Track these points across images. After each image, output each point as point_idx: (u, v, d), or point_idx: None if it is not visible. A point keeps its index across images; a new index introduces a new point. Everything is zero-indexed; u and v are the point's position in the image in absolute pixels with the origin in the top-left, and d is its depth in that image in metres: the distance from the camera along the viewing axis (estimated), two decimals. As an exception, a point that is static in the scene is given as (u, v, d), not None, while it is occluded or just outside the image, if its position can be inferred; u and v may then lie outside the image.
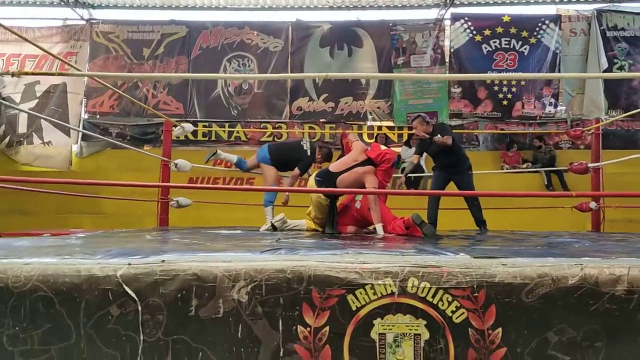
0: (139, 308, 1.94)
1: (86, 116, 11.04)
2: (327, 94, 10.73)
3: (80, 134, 10.63)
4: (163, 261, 2.03)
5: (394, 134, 10.60)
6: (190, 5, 11.13)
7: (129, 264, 2.01)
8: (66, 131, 10.59)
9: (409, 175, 9.05)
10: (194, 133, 9.22)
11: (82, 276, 1.95)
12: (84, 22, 11.10)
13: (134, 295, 1.94)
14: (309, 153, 5.56)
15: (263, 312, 1.96)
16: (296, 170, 5.51)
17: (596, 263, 2.03)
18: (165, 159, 6.32)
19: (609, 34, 10.32)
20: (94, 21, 11.16)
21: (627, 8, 10.41)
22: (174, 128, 6.56)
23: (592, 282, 1.93)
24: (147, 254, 2.19)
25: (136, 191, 7.56)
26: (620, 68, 10.26)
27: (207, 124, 10.71)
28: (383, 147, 5.06)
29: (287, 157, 5.57)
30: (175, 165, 6.27)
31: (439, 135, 5.26)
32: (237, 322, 1.95)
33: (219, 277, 1.97)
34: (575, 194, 2.81)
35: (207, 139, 10.87)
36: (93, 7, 11.11)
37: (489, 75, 10.88)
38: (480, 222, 5.50)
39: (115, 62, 10.94)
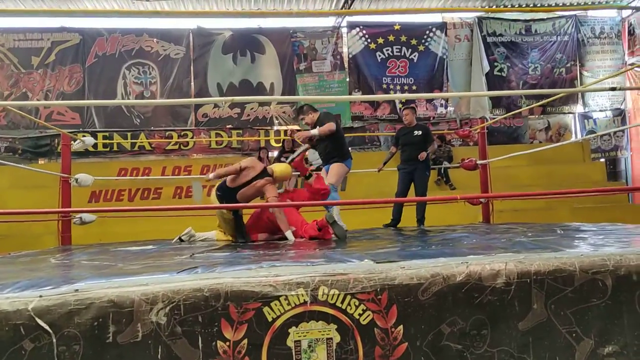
0: (54, 340, 1.93)
1: (-32, 130, 10.21)
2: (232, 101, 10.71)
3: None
4: (77, 290, 2.02)
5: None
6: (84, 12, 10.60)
7: (41, 296, 1.97)
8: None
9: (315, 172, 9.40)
10: (94, 144, 8.82)
11: (-9, 313, 1.90)
12: (-37, 31, 10.25)
13: (47, 327, 1.92)
14: None
15: (182, 332, 2.02)
16: None
17: (479, 260, 2.31)
18: (65, 174, 6.03)
19: (489, 39, 11.28)
20: (-25, 30, 10.32)
21: (504, 15, 11.41)
22: (72, 142, 6.27)
23: (476, 277, 2.21)
24: (58, 283, 2.14)
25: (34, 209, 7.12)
26: (500, 71, 11.26)
27: (107, 134, 10.30)
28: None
29: None
30: (76, 180, 6.02)
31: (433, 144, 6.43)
32: (157, 344, 2.00)
33: (136, 301, 2.01)
34: (460, 197, 3.11)
35: (108, 149, 10.45)
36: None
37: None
38: (419, 220, 6.24)
39: (1, 72, 10.19)
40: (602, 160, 11.49)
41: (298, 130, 6.00)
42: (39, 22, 10.64)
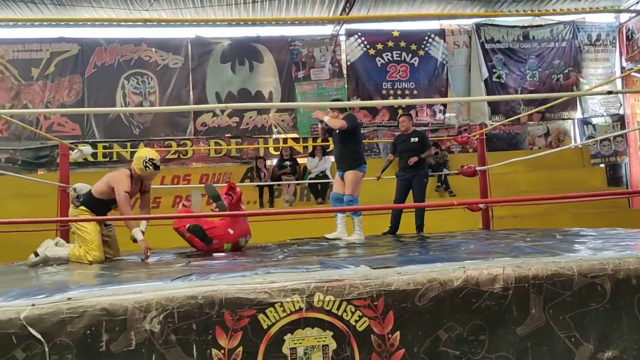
0: (46, 349, 1.92)
1: (-30, 143, 10.24)
2: (231, 109, 10.73)
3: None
4: (69, 299, 2.01)
5: (299, 145, 10.82)
6: (82, 22, 10.64)
7: (33, 305, 1.96)
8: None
9: (316, 183, 9.42)
10: (94, 155, 8.82)
11: (-17, 322, 1.89)
12: (-38, 44, 10.28)
13: (39, 336, 1.91)
14: None
15: (176, 340, 2.01)
16: None
17: (477, 265, 2.29)
18: (63, 184, 6.02)
19: (487, 46, 11.29)
20: (-27, 42, 10.37)
21: (501, 22, 11.43)
22: (70, 151, 6.27)
23: (473, 282, 2.19)
24: (51, 292, 2.13)
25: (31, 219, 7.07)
26: (499, 77, 11.26)
27: (107, 144, 10.30)
28: None
29: None
30: (74, 189, 6.00)
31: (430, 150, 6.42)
32: (150, 353, 1.98)
33: (129, 309, 1.99)
34: (457, 203, 3.11)
35: (108, 159, 10.43)
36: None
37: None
38: (418, 227, 6.22)
39: (1, 84, 10.18)
40: (602, 165, 11.45)
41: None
42: (37, 33, 10.67)
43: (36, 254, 4.32)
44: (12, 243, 7.85)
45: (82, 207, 4.35)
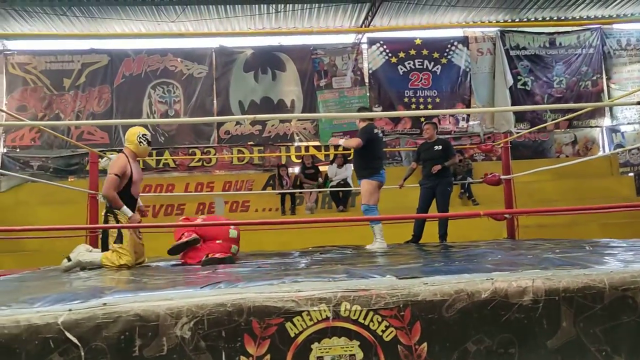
0: (82, 353, 1.96)
1: (5, 150, 10.57)
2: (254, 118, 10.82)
3: (-2, 168, 10.09)
4: (105, 304, 2.06)
5: (321, 153, 10.86)
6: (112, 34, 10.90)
7: (70, 310, 2.02)
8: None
9: (338, 191, 9.43)
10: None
11: (22, 326, 1.94)
12: (-3, 54, 10.64)
13: (76, 341, 1.96)
14: None
15: (206, 346, 2.04)
16: None
17: (505, 277, 2.27)
18: (92, 191, 6.16)
19: (512, 52, 11.19)
20: (8, 52, 10.70)
21: (527, 28, 11.32)
22: (100, 159, 6.42)
23: (502, 294, 2.17)
24: (87, 297, 2.18)
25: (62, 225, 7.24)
26: (524, 84, 11.15)
27: (133, 152, 10.51)
28: None
29: None
30: (103, 196, 6.13)
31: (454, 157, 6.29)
32: (181, 358, 2.02)
33: (161, 315, 2.03)
34: (483, 213, 3.09)
35: (134, 166, 10.63)
36: (7, 38, 10.66)
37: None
38: (441, 236, 6.13)
39: (34, 94, 10.53)
40: (631, 174, 11.23)
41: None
42: (69, 45, 10.99)
43: (69, 259, 4.41)
44: (44, 248, 8.06)
45: (117, 212, 4.45)
